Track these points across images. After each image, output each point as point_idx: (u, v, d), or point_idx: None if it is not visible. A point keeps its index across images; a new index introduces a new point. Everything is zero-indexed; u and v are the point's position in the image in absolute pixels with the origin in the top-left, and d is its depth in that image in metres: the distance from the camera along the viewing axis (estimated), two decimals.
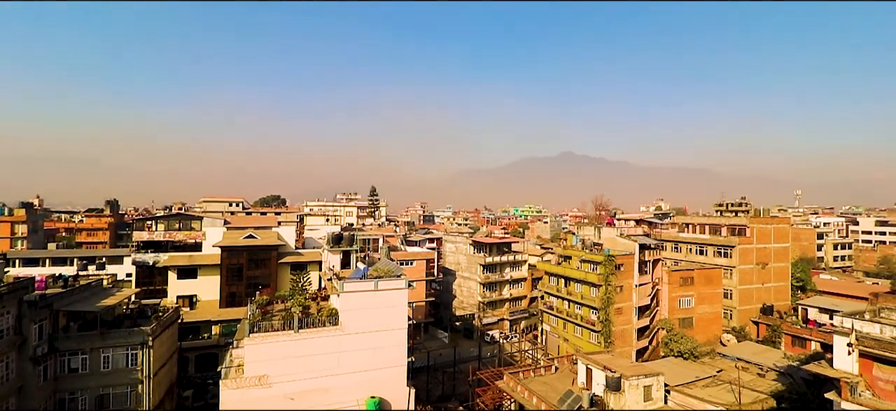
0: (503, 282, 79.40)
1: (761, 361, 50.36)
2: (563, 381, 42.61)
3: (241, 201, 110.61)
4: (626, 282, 60.59)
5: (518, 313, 79.98)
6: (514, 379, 42.55)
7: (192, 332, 49.61)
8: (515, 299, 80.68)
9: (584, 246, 66.85)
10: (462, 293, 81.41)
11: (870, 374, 29.07)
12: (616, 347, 57.59)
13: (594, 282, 60.07)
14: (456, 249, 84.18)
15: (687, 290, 66.35)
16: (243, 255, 51.26)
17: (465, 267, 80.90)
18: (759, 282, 72.42)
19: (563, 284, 66.82)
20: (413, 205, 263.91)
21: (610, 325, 58.60)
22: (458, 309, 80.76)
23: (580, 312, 62.96)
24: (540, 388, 41.03)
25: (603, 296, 58.69)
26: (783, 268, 75.49)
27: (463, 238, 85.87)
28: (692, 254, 77.52)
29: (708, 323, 66.89)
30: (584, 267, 62.89)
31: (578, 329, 62.91)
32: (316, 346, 33.32)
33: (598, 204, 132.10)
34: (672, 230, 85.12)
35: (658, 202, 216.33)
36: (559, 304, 67.41)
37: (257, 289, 45.91)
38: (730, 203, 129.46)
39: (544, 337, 70.25)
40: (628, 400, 37.65)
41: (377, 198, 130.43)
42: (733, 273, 71.06)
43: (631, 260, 61.07)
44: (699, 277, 67.44)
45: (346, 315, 34.25)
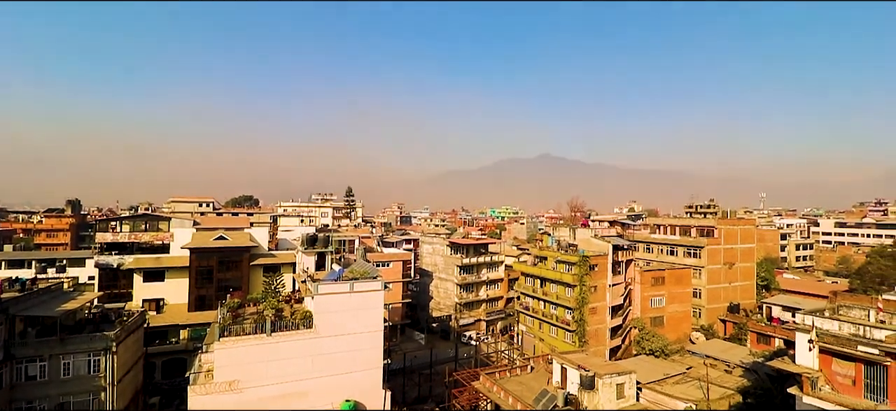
0: (480, 283, 79.67)
1: (728, 358, 52.04)
2: (539, 381, 42.97)
3: (212, 201, 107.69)
4: (600, 282, 61.64)
5: (495, 314, 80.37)
6: (490, 380, 42.66)
7: (158, 337, 47.94)
8: (492, 300, 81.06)
9: (560, 247, 67.69)
10: (439, 294, 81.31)
11: (829, 369, 30.33)
12: (590, 346, 58.48)
13: (569, 282, 60.87)
14: (433, 250, 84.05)
15: (658, 290, 67.95)
16: (213, 257, 49.84)
17: (442, 268, 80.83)
18: (726, 282, 74.76)
19: (539, 285, 67.48)
20: (390, 205, 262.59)
21: (584, 325, 59.47)
22: (435, 310, 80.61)
23: (555, 312, 63.69)
24: (516, 388, 41.26)
25: (577, 296, 59.54)
26: (749, 267, 78.17)
27: (440, 239, 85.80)
28: (663, 254, 79.47)
29: (678, 322, 68.66)
30: (559, 267, 63.65)
31: (554, 329, 63.62)
32: (289, 349, 32.68)
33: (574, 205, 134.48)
34: (644, 231, 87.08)
35: (631, 204, 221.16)
36: (535, 305, 68.04)
37: (228, 291, 44.70)
38: (699, 205, 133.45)
39: (520, 338, 70.78)
40: (602, 399, 38.26)
41: (353, 199, 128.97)
42: (702, 273, 73.16)
43: (605, 260, 62.16)
44: (670, 277, 69.17)
45: (321, 317, 33.72)
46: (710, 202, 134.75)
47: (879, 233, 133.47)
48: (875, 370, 27.99)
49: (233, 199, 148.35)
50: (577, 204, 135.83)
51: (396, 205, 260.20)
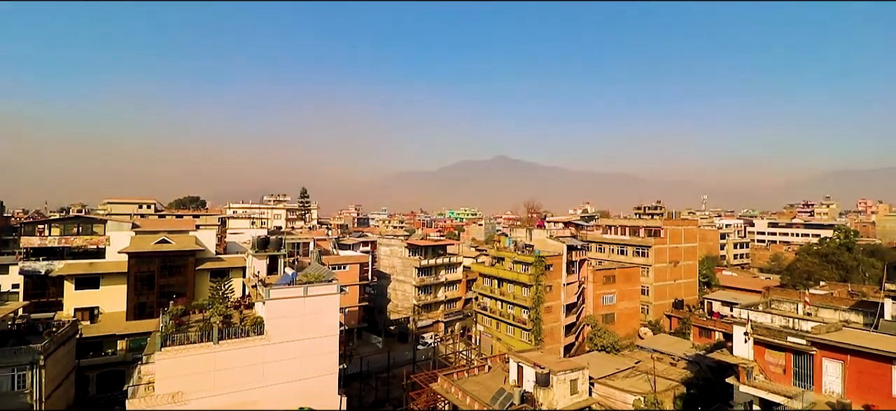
0: (438, 285, 79.65)
1: (673, 351, 54.71)
2: (496, 380, 43.44)
3: (154, 203, 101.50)
4: (555, 282, 63.21)
5: (453, 315, 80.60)
6: (447, 381, 42.65)
7: (93, 348, 44.51)
8: (450, 301, 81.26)
9: (517, 247, 68.84)
10: (397, 296, 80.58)
11: (763, 359, 32.47)
12: (546, 344, 59.79)
13: (526, 282, 61.99)
14: (391, 252, 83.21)
15: (609, 288, 70.55)
16: (155, 262, 46.87)
17: (401, 270, 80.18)
18: (671, 279, 78.71)
19: (497, 285, 68.33)
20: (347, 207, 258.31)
21: (540, 323, 60.75)
22: (393, 312, 79.81)
23: (512, 312, 64.68)
24: (473, 388, 41.49)
25: (534, 295, 60.74)
26: (692, 265, 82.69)
27: (398, 241, 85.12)
28: (614, 253, 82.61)
29: (628, 318, 71.56)
30: (516, 268, 64.71)
31: (511, 328, 64.57)
32: (239, 358, 31.19)
33: (530, 207, 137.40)
34: (597, 232, 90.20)
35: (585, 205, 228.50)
36: (493, 305, 68.82)
37: (172, 298, 42.18)
38: (647, 206, 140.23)
39: (478, 338, 71.35)
40: (556, 394, 39.19)
41: (308, 201, 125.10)
42: (650, 271, 76.62)
43: (559, 260, 63.81)
44: (620, 275, 72.00)
45: (273, 323, 32.43)
46: (657, 204, 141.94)
47: (806, 233, 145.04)
48: (803, 359, 30.24)
49: (177, 201, 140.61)
50: (533, 205, 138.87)
51: (353, 206, 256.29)
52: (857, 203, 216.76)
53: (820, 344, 29.20)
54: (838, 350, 28.38)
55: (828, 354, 28.84)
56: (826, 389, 28.73)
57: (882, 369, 26.58)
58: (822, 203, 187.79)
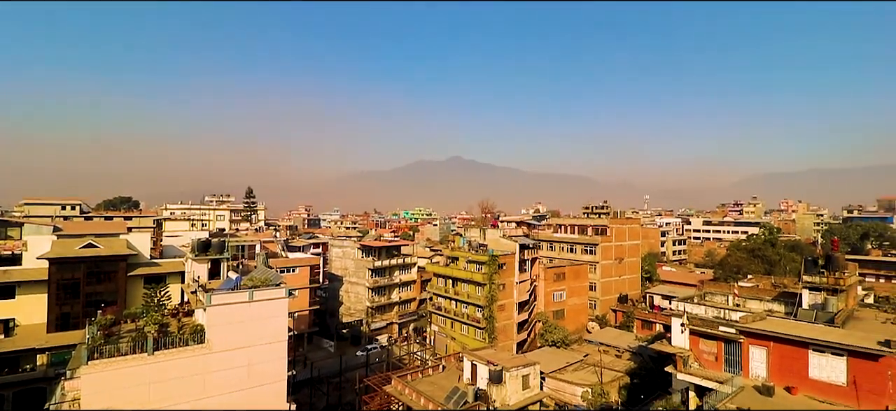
0: (392, 286, 78.88)
1: (619, 344, 57.21)
2: (450, 379, 43.55)
3: (79, 203, 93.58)
4: (508, 280, 64.32)
5: (407, 316, 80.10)
6: (401, 382, 42.27)
7: (8, 365, 40.33)
8: (405, 302, 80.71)
9: (471, 247, 69.44)
10: (350, 299, 78.99)
11: (697, 348, 34.58)
12: (499, 342, 60.70)
13: (479, 281, 62.65)
14: (343, 254, 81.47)
15: (560, 285, 72.71)
16: (81, 268, 43.10)
17: (353, 272, 78.69)
18: (616, 275, 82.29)
19: (451, 285, 68.59)
20: (297, 208, 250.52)
21: (494, 322, 61.59)
22: (346, 315, 78.16)
23: (467, 311, 65.16)
24: (427, 388, 41.36)
25: (487, 294, 61.49)
26: (635, 262, 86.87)
27: (351, 242, 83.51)
28: (564, 252, 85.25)
29: (577, 314, 74.08)
30: (470, 267, 65.26)
31: (465, 327, 65.02)
32: (177, 369, 29.25)
33: (485, 207, 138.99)
34: (548, 231, 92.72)
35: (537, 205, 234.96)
36: (447, 304, 69.02)
37: (100, 307, 38.94)
38: (594, 206, 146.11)
39: (433, 338, 71.32)
40: (509, 391, 39.85)
41: (254, 201, 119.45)
42: (597, 268, 79.68)
43: (512, 259, 65.01)
44: (570, 273, 74.39)
45: (215, 331, 30.69)
46: (604, 204, 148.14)
47: (736, 230, 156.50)
48: (732, 346, 32.48)
49: (106, 201, 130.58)
50: (487, 205, 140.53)
51: (304, 207, 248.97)
52: (780, 202, 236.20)
53: (747, 333, 31.48)
54: (763, 337, 30.70)
55: (754, 341, 31.14)
56: (753, 373, 31.00)
57: (800, 353, 29.03)
58: (749, 203, 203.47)
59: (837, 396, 27.40)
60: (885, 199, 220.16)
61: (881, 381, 26.08)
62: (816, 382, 28.29)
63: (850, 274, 41.42)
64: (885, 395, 25.85)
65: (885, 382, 25.96)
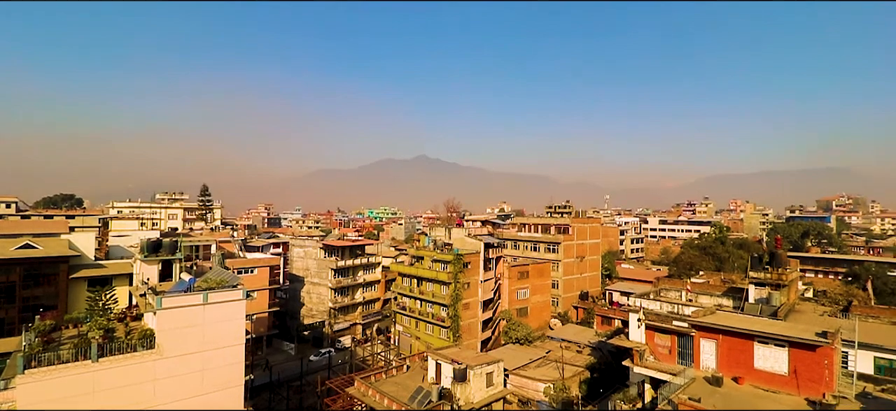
0: (356, 286, 77.74)
1: (580, 340, 58.67)
2: (415, 379, 43.33)
3: (15, 201, 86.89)
4: (473, 279, 64.70)
5: (371, 316, 79.16)
6: (365, 384, 41.67)
7: None
8: (369, 302, 79.73)
9: (436, 246, 69.38)
10: (311, 300, 77.24)
11: (653, 342, 35.89)
12: (464, 340, 60.96)
13: (444, 280, 62.68)
14: (305, 254, 79.55)
15: (523, 283, 73.80)
16: (16, 271, 40.02)
17: (315, 272, 76.98)
18: (578, 273, 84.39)
19: (416, 284, 68.31)
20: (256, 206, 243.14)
21: (458, 320, 61.79)
22: (307, 317, 76.37)
23: (431, 310, 65.06)
24: (391, 389, 40.98)
25: (452, 292, 61.62)
26: (596, 260, 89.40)
27: (313, 241, 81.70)
28: (528, 250, 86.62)
29: (540, 311, 75.44)
30: (435, 266, 65.19)
31: (430, 326, 64.92)
32: (124, 376, 27.66)
33: (450, 206, 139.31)
34: (512, 230, 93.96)
35: (502, 205, 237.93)
36: (412, 304, 68.69)
37: (38, 312, 36.31)
38: (557, 206, 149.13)
39: (397, 338, 70.81)
40: (473, 388, 40.04)
41: (210, 199, 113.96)
42: (559, 266, 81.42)
43: (477, 258, 65.42)
44: (533, 271, 75.64)
45: (166, 335, 29.23)
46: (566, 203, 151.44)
47: (690, 229, 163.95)
48: (685, 340, 33.92)
49: (46, 199, 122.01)
50: (452, 204, 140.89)
51: (264, 205, 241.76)
52: (730, 203, 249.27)
53: (698, 327, 32.95)
54: (712, 330, 32.21)
55: (704, 335, 32.63)
56: (703, 365, 32.48)
57: (746, 345, 30.65)
58: (702, 203, 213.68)
59: (780, 385, 29.09)
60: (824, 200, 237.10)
61: (819, 370, 27.89)
62: (761, 372, 29.94)
63: (791, 270, 44.18)
64: (822, 383, 27.66)
65: (822, 371, 27.78)
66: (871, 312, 40.82)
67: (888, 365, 31.68)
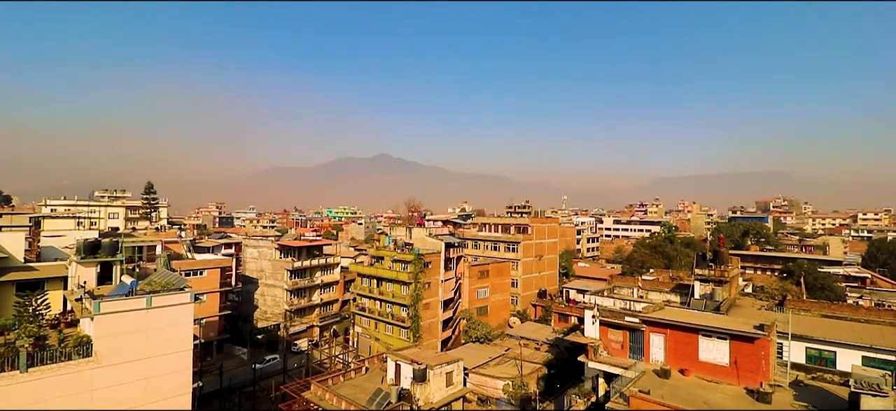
0: (313, 287, 75.84)
1: (538, 337, 59.87)
2: (374, 381, 42.79)
3: None
4: (434, 279, 64.66)
5: (329, 318, 77.49)
6: (322, 387, 40.71)
7: None
8: (327, 304, 78.01)
9: (397, 246, 68.82)
10: (266, 302, 74.65)
11: (606, 338, 37.13)
12: (424, 340, 60.81)
13: (405, 280, 62.29)
14: (259, 255, 76.79)
15: (483, 282, 74.54)
16: None
17: (270, 273, 74.48)
18: (537, 272, 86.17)
19: (376, 285, 67.54)
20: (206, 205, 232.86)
21: (419, 320, 61.56)
22: (261, 320, 73.78)
23: (391, 311, 64.50)
24: (349, 392, 40.27)
25: (412, 292, 61.31)
26: (554, 258, 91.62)
27: (268, 242, 78.99)
28: (488, 250, 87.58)
29: (500, 310, 76.43)
30: (395, 266, 64.67)
31: (390, 327, 64.34)
32: (57, 387, 25.66)
33: (411, 205, 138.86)
34: (473, 229, 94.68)
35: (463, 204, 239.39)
36: (371, 305, 67.86)
37: None
38: (517, 206, 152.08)
39: (356, 340, 69.74)
40: (433, 388, 40.01)
41: (155, 197, 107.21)
42: (519, 265, 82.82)
43: (438, 257, 65.44)
44: (493, 270, 76.54)
45: (104, 342, 27.36)
46: (526, 203, 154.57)
47: (641, 228, 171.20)
48: (636, 335, 35.28)
49: None
50: (414, 204, 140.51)
51: (215, 204, 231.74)
52: (679, 203, 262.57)
53: (648, 322, 34.37)
54: (661, 325, 33.69)
55: (654, 329, 34.07)
56: (653, 358, 33.90)
57: (691, 339, 32.26)
58: (653, 203, 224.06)
59: (722, 375, 30.82)
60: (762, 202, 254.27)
61: (756, 361, 29.76)
62: (705, 364, 31.61)
63: (733, 267, 46.96)
64: (760, 372, 29.53)
65: (760, 361, 29.67)
66: (802, 306, 44.03)
67: (817, 354, 34.30)
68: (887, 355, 31.47)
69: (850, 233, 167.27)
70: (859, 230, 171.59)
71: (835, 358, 33.32)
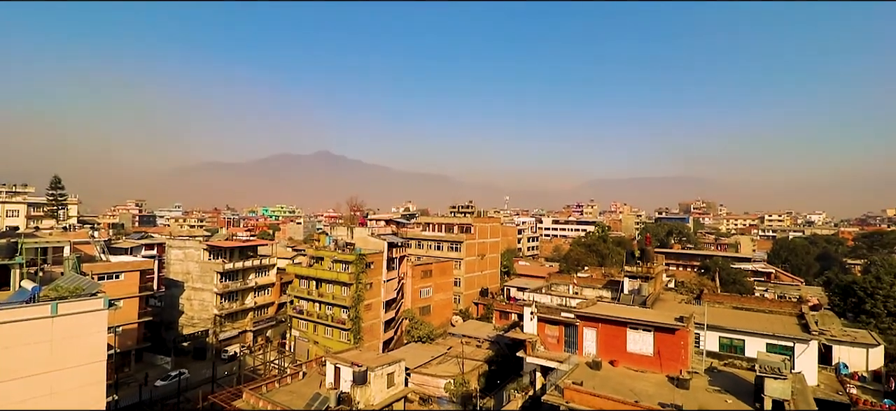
0: (246, 290, 72.01)
1: (479, 335, 60.74)
2: (311, 386, 41.47)
3: None
4: (376, 279, 63.73)
5: (264, 322, 73.95)
6: (255, 395, 38.75)
7: None
8: (261, 307, 74.38)
9: (337, 246, 67.12)
10: (193, 307, 69.80)
11: (543, 333, 38.40)
12: (365, 342, 59.77)
13: (346, 281, 60.88)
14: (185, 256, 71.67)
15: (426, 282, 74.57)
16: None
17: (198, 276, 69.78)
18: (479, 270, 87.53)
19: (315, 286, 65.49)
20: (125, 203, 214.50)
21: (360, 322, 60.40)
22: (188, 326, 68.91)
23: (331, 313, 62.81)
24: (285, 398, 38.71)
25: (354, 294, 60.06)
26: (495, 257, 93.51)
27: (195, 242, 73.99)
28: (432, 249, 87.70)
29: (442, 309, 76.81)
30: (336, 267, 63.04)
31: (329, 329, 62.63)
32: None
33: (353, 204, 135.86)
34: (417, 229, 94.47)
35: (407, 204, 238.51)
36: (310, 307, 65.70)
37: None
38: (461, 206, 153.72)
39: (293, 344, 67.20)
40: (374, 390, 39.37)
41: (63, 193, 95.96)
42: (462, 264, 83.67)
43: (380, 257, 64.59)
44: (436, 270, 76.79)
45: (1, 355, 24.26)
46: (469, 203, 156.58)
47: (578, 228, 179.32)
48: (571, 329, 36.80)
49: None
50: (356, 203, 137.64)
51: (134, 202, 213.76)
52: (612, 204, 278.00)
53: (581, 317, 35.99)
54: (593, 320, 35.40)
55: (587, 324, 35.72)
56: (586, 351, 35.53)
57: (620, 331, 34.17)
58: (588, 204, 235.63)
59: (647, 364, 32.92)
60: (684, 204, 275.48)
61: (677, 350, 32.08)
62: (632, 354, 33.61)
63: (658, 264, 50.46)
64: (680, 361, 31.86)
65: (680, 350, 32.01)
66: (717, 299, 48.09)
67: (729, 343, 37.57)
68: (786, 342, 35.11)
69: (759, 233, 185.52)
70: (766, 230, 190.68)
71: (744, 346, 36.66)
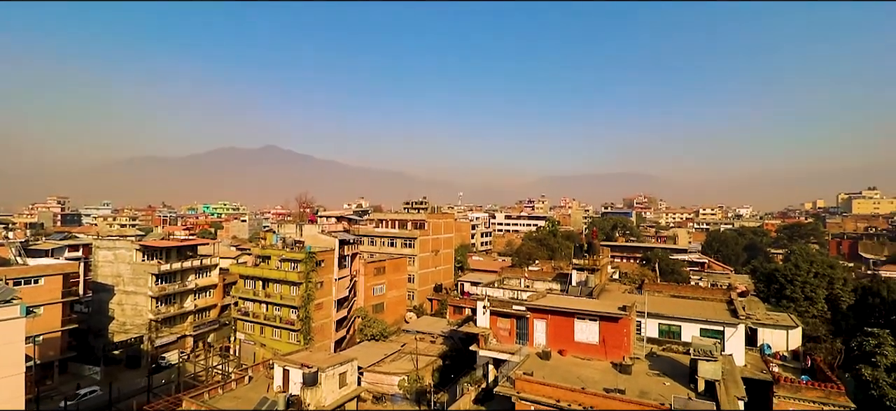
0: (185, 293, 67.80)
1: (433, 330, 60.78)
2: (259, 390, 39.72)
3: None
4: (327, 277, 62.09)
5: (205, 326, 69.97)
6: (196, 403, 36.58)
7: None
8: (202, 310, 70.36)
9: (285, 244, 64.75)
10: (125, 312, 64.83)
11: (496, 326, 38.94)
12: (316, 342, 58.14)
13: (295, 280, 58.91)
14: (115, 257, 66.37)
15: (380, 279, 73.59)
16: None
17: (130, 279, 64.88)
18: (433, 266, 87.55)
19: (262, 287, 62.91)
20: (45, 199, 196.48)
21: (310, 322, 58.67)
22: (119, 333, 63.94)
23: (279, 313, 60.58)
24: (230, 404, 36.86)
25: (303, 293, 58.20)
26: (449, 253, 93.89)
27: (127, 242, 68.74)
28: (385, 246, 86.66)
29: (396, 306, 76.16)
30: (284, 266, 60.84)
31: (277, 331, 60.41)
32: None
33: (303, 201, 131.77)
34: (370, 225, 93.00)
35: (359, 200, 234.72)
36: (256, 308, 63.04)
37: None
38: (415, 202, 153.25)
39: (238, 348, 64.22)
40: (325, 391, 38.28)
41: None
42: (415, 260, 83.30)
43: (331, 255, 62.98)
44: (390, 266, 75.94)
45: None
46: (423, 199, 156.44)
47: (529, 223, 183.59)
48: (522, 322, 37.55)
49: None
50: (306, 199, 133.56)
51: (55, 198, 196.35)
52: (561, 200, 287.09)
53: (532, 309, 36.77)
54: (543, 311, 36.25)
55: (537, 315, 36.53)
56: (536, 343, 36.34)
57: (568, 322, 35.22)
58: (539, 200, 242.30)
59: (593, 353, 34.16)
60: (628, 199, 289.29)
61: (620, 337, 33.51)
62: (579, 344, 34.76)
63: (603, 257, 52.50)
64: (622, 347, 33.31)
65: (622, 338, 33.45)
66: (657, 288, 50.69)
67: (667, 329, 39.67)
68: (717, 326, 37.53)
69: (694, 226, 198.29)
70: (700, 223, 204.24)
71: (680, 332, 38.85)
